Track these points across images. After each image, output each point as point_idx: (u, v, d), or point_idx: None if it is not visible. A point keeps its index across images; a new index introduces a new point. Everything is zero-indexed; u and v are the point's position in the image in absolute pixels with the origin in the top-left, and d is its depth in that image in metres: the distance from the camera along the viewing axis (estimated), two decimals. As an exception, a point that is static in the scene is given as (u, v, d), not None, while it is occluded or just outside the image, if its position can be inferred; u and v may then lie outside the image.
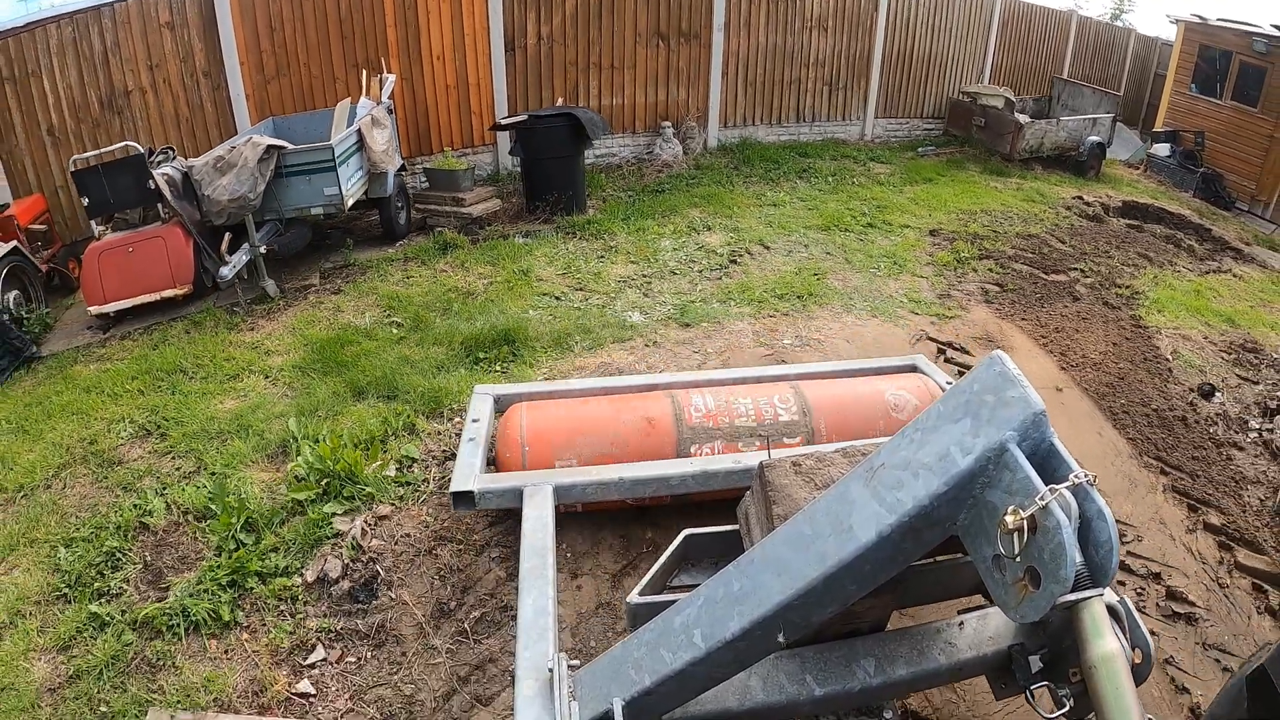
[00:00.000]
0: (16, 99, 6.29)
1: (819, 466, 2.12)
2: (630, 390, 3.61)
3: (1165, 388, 5.19)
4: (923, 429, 1.60)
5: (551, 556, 2.58)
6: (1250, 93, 11.95)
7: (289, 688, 2.78)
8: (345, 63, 7.23)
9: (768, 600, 1.64)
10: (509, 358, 4.67)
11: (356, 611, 2.98)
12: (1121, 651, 1.41)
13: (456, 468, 3.05)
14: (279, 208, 5.71)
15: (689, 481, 3.04)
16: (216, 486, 3.53)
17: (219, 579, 3.14)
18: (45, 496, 3.81)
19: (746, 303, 5.49)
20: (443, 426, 4.01)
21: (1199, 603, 3.57)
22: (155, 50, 6.66)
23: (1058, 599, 1.38)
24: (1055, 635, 1.82)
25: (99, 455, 4.06)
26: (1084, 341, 5.49)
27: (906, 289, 5.87)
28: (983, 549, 1.51)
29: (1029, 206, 8.53)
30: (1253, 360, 6.01)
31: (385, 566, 3.11)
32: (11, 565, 3.42)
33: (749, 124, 9.61)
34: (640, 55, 8.69)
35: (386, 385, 4.32)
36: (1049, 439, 1.49)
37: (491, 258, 6.15)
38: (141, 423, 4.27)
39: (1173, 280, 7.29)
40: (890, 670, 2.00)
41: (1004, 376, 1.52)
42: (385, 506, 3.39)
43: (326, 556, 3.16)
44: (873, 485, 1.60)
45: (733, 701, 1.95)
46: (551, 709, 1.84)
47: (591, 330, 5.01)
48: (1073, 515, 1.40)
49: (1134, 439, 4.51)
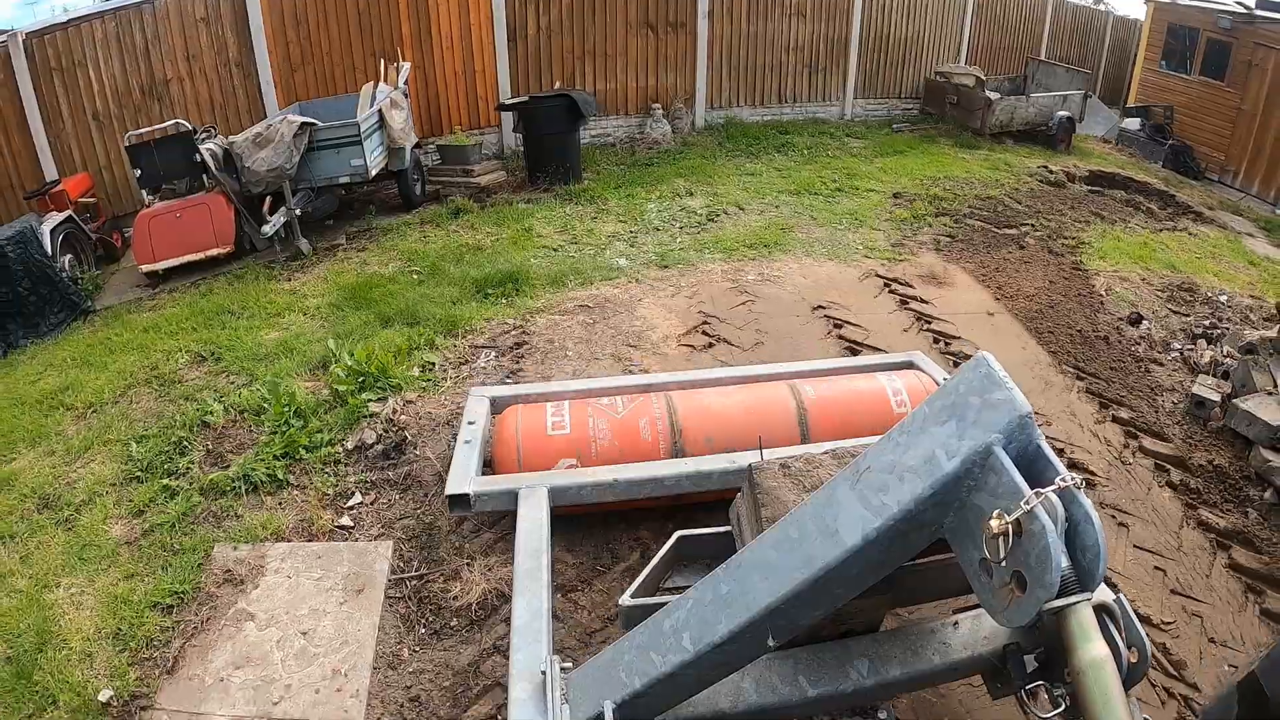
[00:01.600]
0: (64, 87, 7.09)
1: (808, 469, 2.11)
2: (626, 391, 3.60)
3: (1094, 316, 5.85)
4: (908, 432, 1.58)
5: (546, 559, 2.58)
6: (1217, 67, 12.53)
7: (332, 523, 3.52)
8: (364, 52, 8.03)
9: (755, 603, 1.63)
10: (513, 293, 5.42)
11: (388, 466, 3.73)
12: (1109, 656, 1.39)
13: (452, 470, 3.06)
14: (311, 177, 6.50)
15: (684, 482, 3.02)
16: (269, 386, 4.29)
17: (274, 452, 3.87)
18: (114, 410, 4.50)
19: (719, 250, 6.21)
20: (458, 342, 4.76)
21: (1099, 474, 4.23)
22: (192, 42, 7.49)
23: (1044, 604, 1.37)
24: (1050, 635, 1.77)
25: (160, 378, 4.78)
26: (1021, 279, 6.16)
27: (864, 239, 6.57)
28: (969, 552, 1.50)
29: (993, 174, 9.18)
30: (1187, 298, 6.64)
31: (411, 434, 3.86)
32: (88, 460, 4.11)
33: (733, 105, 10.34)
34: (631, 44, 9.44)
35: (409, 314, 5.08)
36: (1035, 441, 1.48)
37: (497, 220, 6.91)
38: (197, 351, 5.03)
39: (1121, 234, 7.92)
40: (884, 671, 1.99)
41: (990, 378, 1.50)
42: (411, 394, 4.14)
43: (363, 429, 3.92)
44: (859, 489, 1.59)
45: (725, 703, 1.94)
46: (544, 713, 1.86)
47: (583, 272, 5.75)
48: (1059, 519, 1.38)
49: (1055, 352, 5.18)
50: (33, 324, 5.74)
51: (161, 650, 2.96)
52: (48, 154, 7.13)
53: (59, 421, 4.47)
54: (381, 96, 7.10)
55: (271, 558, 3.34)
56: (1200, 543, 3.90)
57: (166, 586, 3.20)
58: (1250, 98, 12.27)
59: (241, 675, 2.84)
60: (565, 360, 4.58)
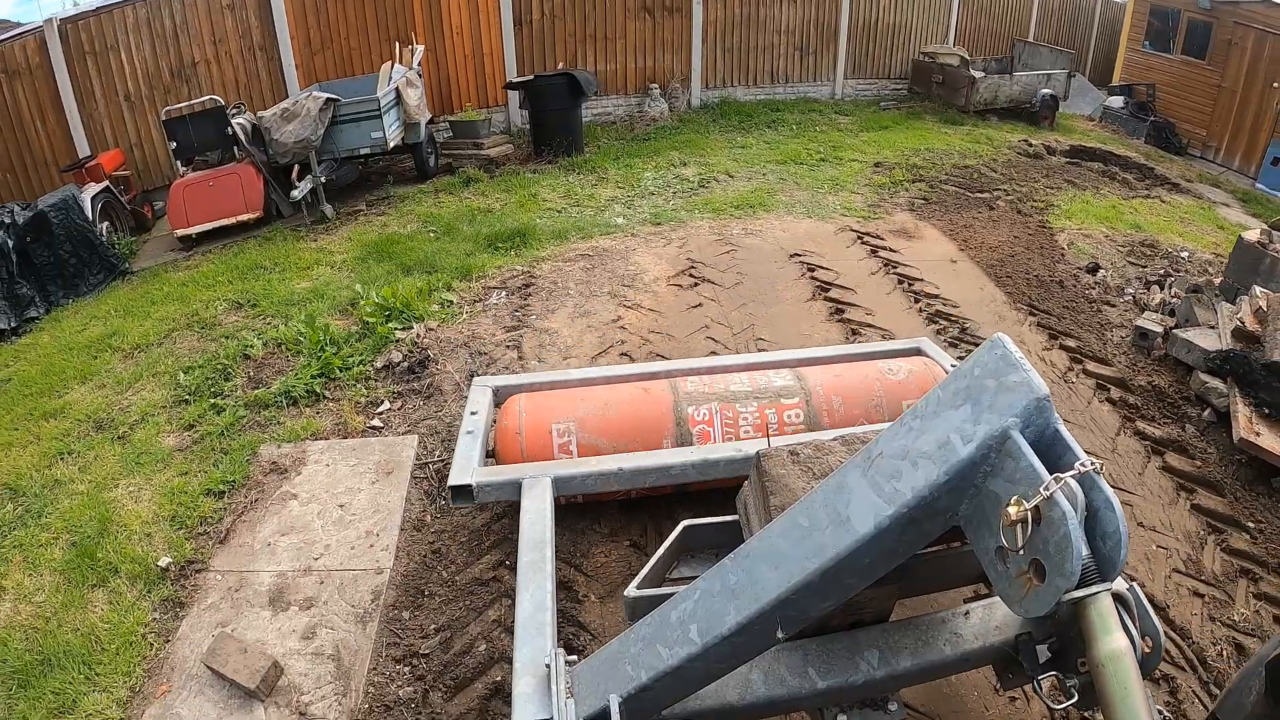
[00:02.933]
0: (97, 70, 7.68)
1: (817, 455, 2.07)
2: (630, 379, 3.60)
3: (1053, 265, 6.35)
4: (922, 416, 1.55)
5: (550, 550, 2.58)
6: (1199, 46, 12.94)
7: (364, 425, 4.08)
8: (379, 36, 8.60)
9: (764, 594, 1.61)
10: (520, 246, 5.98)
11: (412, 379, 4.30)
12: (1130, 649, 1.36)
13: (454, 460, 3.06)
14: (334, 149, 7.08)
15: (689, 470, 3.01)
16: (306, 319, 4.87)
17: (311, 373, 4.44)
18: (160, 350, 5.02)
19: (708, 211, 6.76)
20: (472, 285, 5.33)
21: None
22: (218, 27, 8.07)
23: (1063, 594, 1.34)
24: (1063, 624, 1.77)
25: (201, 322, 5.33)
26: (987, 234, 6.67)
27: (842, 201, 7.09)
28: (985, 540, 1.47)
29: (973, 146, 9.67)
30: (1147, 253, 7.11)
31: (433, 354, 4.43)
32: (137, 390, 4.64)
33: (728, 85, 10.86)
34: (630, 27, 9.98)
35: (428, 264, 5.65)
36: (1054, 425, 1.44)
37: (506, 187, 7.47)
38: (234, 299, 5.60)
39: (1092, 199, 8.39)
40: (894, 662, 1.97)
41: (1006, 360, 1.47)
42: (433, 323, 4.72)
43: (391, 351, 4.49)
44: (870, 475, 1.56)
45: (733, 695, 1.92)
46: (549, 706, 1.84)
47: (584, 228, 6.30)
48: (1079, 506, 1.35)
49: (1011, 293, 5.69)
50: (72, 285, 6.29)
51: (214, 526, 3.50)
52: (81, 132, 7.72)
53: (107, 361, 5.02)
54: (398, 76, 7.67)
55: (311, 452, 3.91)
56: (1135, 448, 4.40)
57: (218, 477, 3.75)
58: (1230, 75, 12.67)
59: (286, 540, 3.39)
60: (568, 297, 5.15)
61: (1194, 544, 3.75)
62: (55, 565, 3.36)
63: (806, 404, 3.32)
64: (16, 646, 2.96)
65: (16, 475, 3.95)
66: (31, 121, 7.56)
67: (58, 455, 4.10)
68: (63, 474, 3.95)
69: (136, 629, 3.00)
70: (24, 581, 3.29)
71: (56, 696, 2.77)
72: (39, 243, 6.14)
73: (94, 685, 2.81)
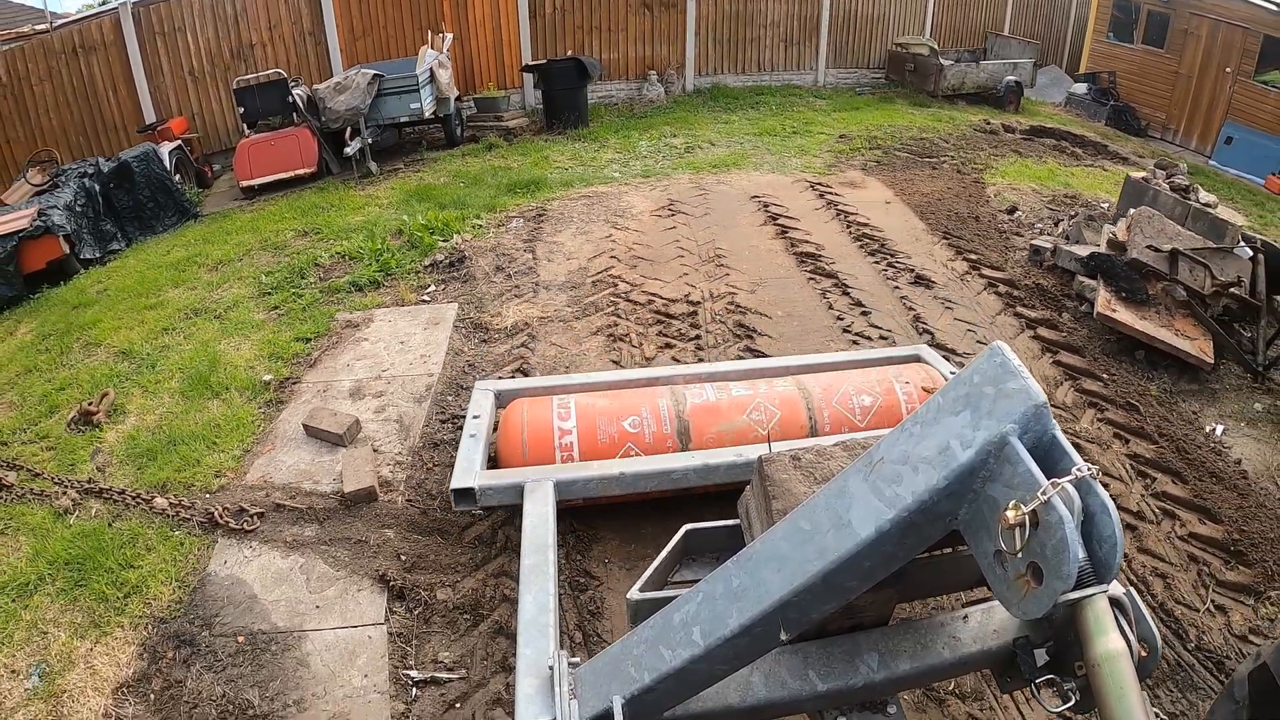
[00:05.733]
0: (165, 49, 9.04)
1: (819, 460, 2.11)
2: (631, 385, 3.64)
3: (975, 208, 7.58)
4: (922, 422, 1.59)
5: (553, 553, 2.62)
6: (1158, 36, 14.10)
7: (416, 299, 5.44)
8: (413, 25, 10.05)
9: (767, 596, 1.65)
10: (534, 191, 7.34)
11: (452, 271, 5.67)
12: (1125, 650, 1.39)
13: (457, 464, 3.11)
14: (378, 117, 8.49)
15: (690, 475, 3.04)
16: (366, 233, 6.25)
17: (372, 270, 5.80)
18: (240, 263, 6.26)
19: (689, 168, 8.09)
20: (496, 215, 6.72)
21: (939, 282, 5.86)
22: (273, 14, 9.50)
23: (1060, 595, 1.36)
24: (1061, 628, 1.81)
25: (273, 245, 6.61)
26: (923, 186, 7.93)
27: (804, 162, 8.40)
28: (984, 544, 1.50)
29: (935, 125, 10.91)
30: (1066, 202, 8.29)
31: (468, 254, 5.81)
32: (226, 289, 5.83)
33: (719, 73, 12.19)
34: (630, 20, 11.36)
35: (460, 202, 7.02)
36: (1051, 432, 1.47)
37: (522, 152, 8.85)
38: (299, 229, 6.93)
39: (1032, 164, 9.58)
40: (894, 664, 2.00)
41: (1004, 368, 1.50)
42: (467, 235, 6.09)
43: (435, 254, 5.86)
44: (872, 480, 1.60)
45: (734, 697, 1.96)
46: (551, 707, 1.88)
47: (587, 180, 7.66)
48: (1075, 510, 1.38)
49: (931, 225, 6.94)
50: (149, 225, 7.48)
51: (304, 358, 4.78)
52: (149, 102, 9.06)
53: (195, 273, 6.22)
54: (430, 59, 9.08)
55: (377, 314, 5.28)
56: (1012, 323, 5.53)
57: (305, 330, 5.06)
58: (1186, 62, 13.81)
59: (361, 363, 4.71)
60: (572, 222, 6.51)
61: (1051, 385, 4.91)
62: (173, 391, 4.49)
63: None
64: (145, 437, 4.08)
65: (129, 344, 5.08)
66: (104, 92, 8.87)
67: (163, 330, 5.25)
68: (169, 342, 5.09)
69: (246, 418, 4.20)
70: (146, 403, 4.41)
71: (183, 459, 3.88)
72: (120, 189, 7.33)
73: (214, 450, 3.96)
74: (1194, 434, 4.62)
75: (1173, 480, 4.26)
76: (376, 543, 3.33)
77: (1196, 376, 5.19)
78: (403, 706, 2.75)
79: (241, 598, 3.17)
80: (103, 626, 3.08)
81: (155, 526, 3.53)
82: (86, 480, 3.81)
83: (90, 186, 7.16)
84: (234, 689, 2.84)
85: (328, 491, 3.62)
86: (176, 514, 3.58)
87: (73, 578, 3.27)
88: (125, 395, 4.55)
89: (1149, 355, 5.32)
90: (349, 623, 3.02)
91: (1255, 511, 4.09)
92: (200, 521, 3.52)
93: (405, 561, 3.25)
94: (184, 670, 2.93)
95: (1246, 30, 12.99)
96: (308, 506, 3.54)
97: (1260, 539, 3.88)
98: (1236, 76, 13.11)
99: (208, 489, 3.73)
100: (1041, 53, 14.09)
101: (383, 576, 3.16)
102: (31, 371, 4.97)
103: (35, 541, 3.46)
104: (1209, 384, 5.19)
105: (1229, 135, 13.13)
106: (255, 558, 3.34)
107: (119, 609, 3.15)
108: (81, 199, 6.93)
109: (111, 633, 3.05)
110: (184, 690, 2.86)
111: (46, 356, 5.12)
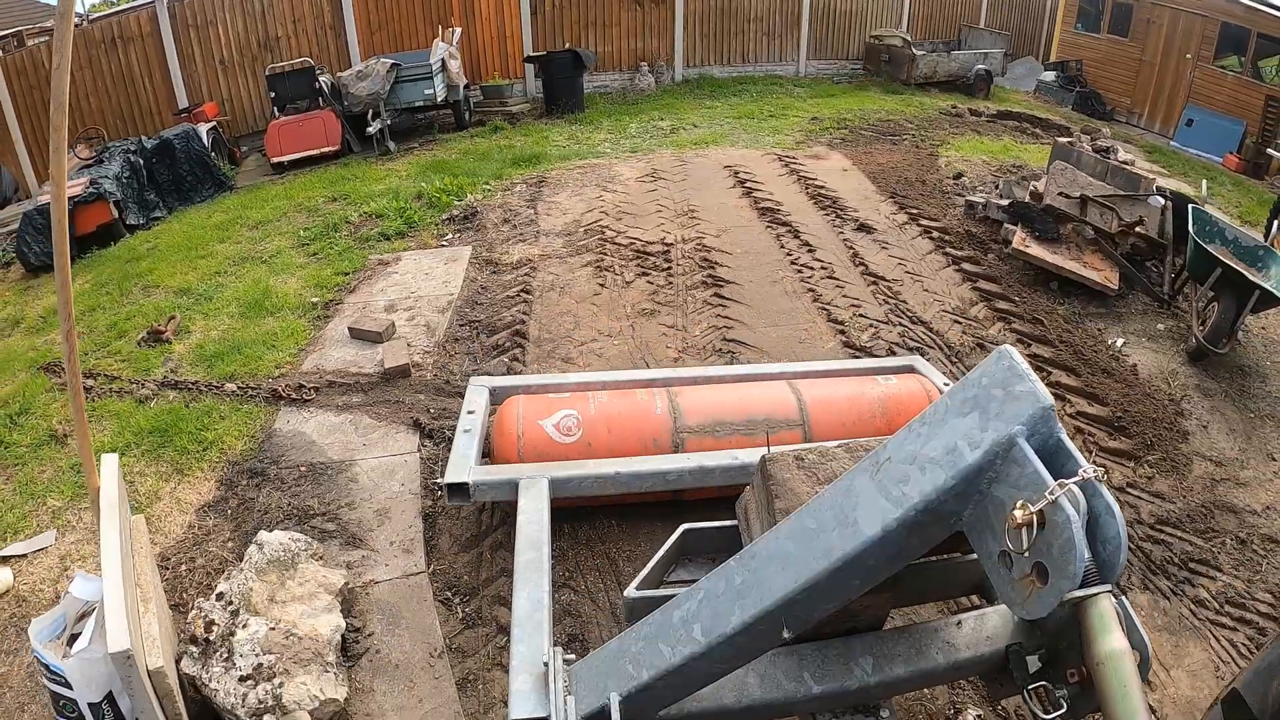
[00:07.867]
0: (198, 40, 10.02)
1: (822, 461, 2.11)
2: (626, 385, 3.68)
3: (924, 174, 8.50)
4: (930, 423, 1.59)
5: (547, 550, 2.64)
6: (1122, 26, 14.99)
7: (437, 244, 6.42)
8: (424, 20, 11.09)
9: (771, 594, 1.65)
10: (535, 164, 8.34)
11: (466, 222, 6.67)
12: (1129, 649, 1.41)
13: (451, 459, 3.10)
14: (396, 101, 9.52)
15: (686, 477, 3.05)
16: (390, 196, 7.26)
17: (398, 224, 6.81)
18: (278, 223, 7.25)
19: (673, 145, 9.07)
20: (503, 183, 7.72)
21: (879, 228, 6.81)
22: (297, 9, 10.51)
23: (1066, 595, 1.38)
24: (1053, 635, 1.81)
25: (306, 208, 7.61)
26: (880, 157, 8.87)
27: (776, 140, 9.36)
28: (988, 544, 1.51)
29: (903, 109, 11.82)
30: (1013, 172, 9.20)
31: (479, 210, 6.81)
32: (268, 242, 6.80)
33: (706, 65, 13.17)
34: (623, 15, 12.36)
35: (470, 173, 8.02)
36: (1057, 434, 1.49)
37: (524, 133, 9.86)
38: (329, 195, 7.92)
39: (989, 141, 10.49)
40: (888, 669, 2.01)
41: (1013, 371, 1.51)
42: (478, 196, 7.09)
43: (452, 209, 6.87)
44: (879, 479, 1.60)
45: (730, 698, 1.96)
46: (546, 704, 1.90)
47: (581, 154, 8.65)
48: (1081, 511, 1.40)
49: (881, 187, 7.88)
50: (188, 196, 8.41)
51: (344, 287, 5.79)
52: (181, 89, 10.01)
53: (237, 232, 7.17)
54: (441, 50, 10.10)
55: (404, 255, 6.29)
56: (940, 260, 6.38)
57: (343, 267, 6.07)
58: (1149, 50, 14.69)
59: (394, 289, 5.70)
60: (567, 187, 7.52)
61: (967, 304, 5.81)
62: (232, 314, 5.45)
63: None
64: (211, 346, 5.01)
65: (186, 284, 6.00)
66: (140, 79, 9.83)
67: (215, 274, 6.20)
68: (223, 281, 6.04)
69: (299, 328, 5.19)
70: (208, 324, 5.37)
71: (246, 358, 4.82)
72: (162, 164, 8.29)
73: (273, 350, 4.92)
74: (1094, 344, 5.52)
75: (1066, 374, 5.16)
76: (410, 402, 4.31)
77: (1105, 303, 6.07)
78: (430, 503, 3.71)
79: (302, 443, 4.14)
80: (185, 472, 3.94)
81: (227, 403, 4.50)
82: (162, 378, 4.76)
83: (135, 161, 8.11)
84: (297, 500, 3.79)
85: (371, 372, 4.61)
86: (244, 393, 4.56)
87: (156, 441, 4.13)
88: (189, 319, 5.51)
89: (1063, 286, 6.22)
90: (389, 452, 4.00)
91: (1140, 399, 4.97)
92: (265, 397, 4.50)
93: (433, 413, 4.23)
94: (255, 492, 3.85)
95: (1205, 18, 13.84)
96: (354, 382, 4.53)
97: (1142, 418, 4.76)
98: (1196, 62, 14.00)
99: (270, 376, 4.71)
100: (1018, 45, 15.00)
101: (415, 422, 4.14)
102: (96, 310, 5.83)
103: (119, 423, 4.29)
104: (1116, 309, 6.06)
105: (1190, 118, 13.97)
106: (312, 417, 4.32)
107: (199, 457, 4.05)
108: (127, 171, 7.90)
109: (193, 474, 3.94)
110: (255, 504, 3.75)
111: (109, 298, 5.99)
